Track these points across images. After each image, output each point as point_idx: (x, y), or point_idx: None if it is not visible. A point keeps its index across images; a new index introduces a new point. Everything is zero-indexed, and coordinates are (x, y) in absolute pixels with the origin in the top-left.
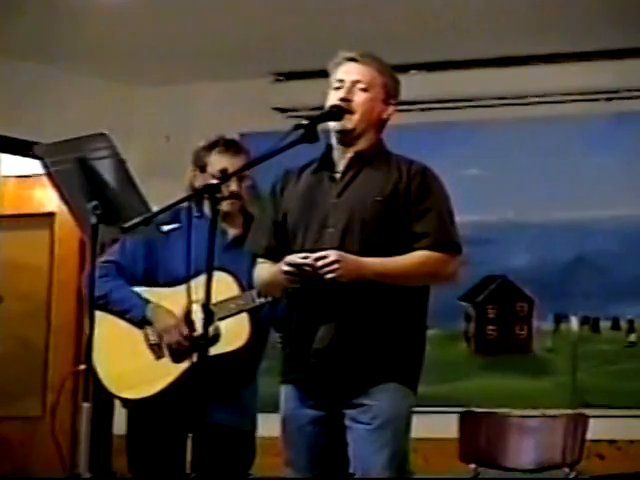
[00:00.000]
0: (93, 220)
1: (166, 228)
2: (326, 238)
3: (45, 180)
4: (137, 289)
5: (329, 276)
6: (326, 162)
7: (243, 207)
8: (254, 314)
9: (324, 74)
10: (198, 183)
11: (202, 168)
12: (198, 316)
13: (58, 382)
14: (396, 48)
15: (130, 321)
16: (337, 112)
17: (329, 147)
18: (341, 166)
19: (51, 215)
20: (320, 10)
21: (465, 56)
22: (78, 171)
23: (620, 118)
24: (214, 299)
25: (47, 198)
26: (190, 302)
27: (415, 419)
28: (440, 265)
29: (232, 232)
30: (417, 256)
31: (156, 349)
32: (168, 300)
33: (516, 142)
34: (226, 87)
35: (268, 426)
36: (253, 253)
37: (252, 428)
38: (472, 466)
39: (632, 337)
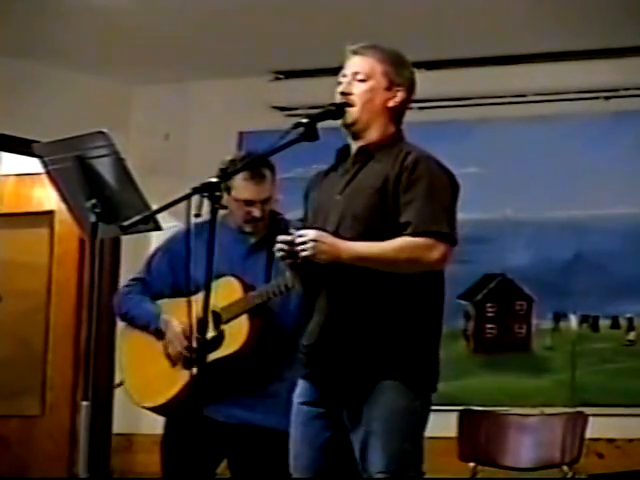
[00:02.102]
0: (92, 218)
1: (165, 226)
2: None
3: (44, 178)
4: (160, 301)
5: (302, 254)
6: (343, 159)
7: (271, 210)
8: (258, 314)
9: (323, 72)
10: (224, 201)
11: (227, 189)
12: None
13: (57, 381)
14: (395, 47)
15: (151, 334)
16: (336, 110)
17: (346, 145)
18: (349, 163)
19: (50, 213)
20: (319, 9)
21: (464, 54)
22: (77, 169)
23: (619, 117)
24: (220, 304)
25: (46, 196)
26: (190, 311)
27: None
28: (421, 250)
29: (257, 236)
30: (397, 241)
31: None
32: (179, 309)
33: (515, 140)
34: (225, 85)
35: None
36: None
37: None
38: (471, 465)
39: (631, 335)
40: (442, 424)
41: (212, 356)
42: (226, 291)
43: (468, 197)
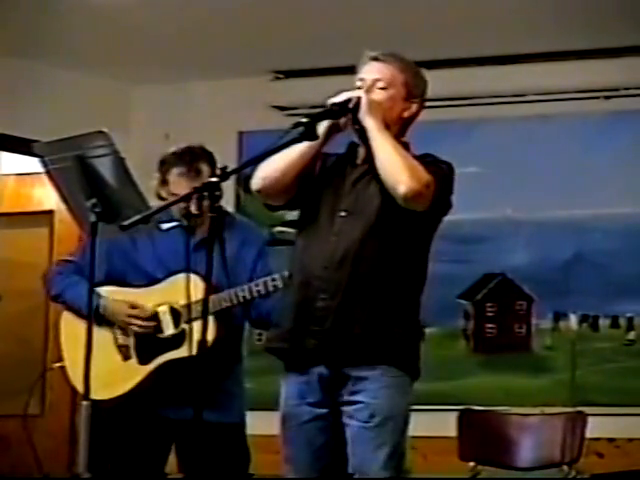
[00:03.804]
0: (92, 218)
1: (165, 226)
2: (337, 222)
3: (44, 178)
4: (107, 288)
5: (360, 94)
6: (349, 155)
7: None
8: (222, 315)
9: (323, 72)
10: (164, 194)
11: (164, 181)
12: (166, 317)
13: (57, 380)
14: (394, 46)
15: (86, 318)
16: (337, 110)
17: (352, 144)
18: (360, 159)
19: (50, 213)
20: (319, 9)
21: (464, 54)
22: (77, 169)
23: (619, 116)
24: (181, 302)
25: (46, 196)
26: (191, 304)
27: (414, 417)
28: (421, 177)
29: (201, 231)
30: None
31: (124, 350)
32: (138, 300)
33: (515, 140)
34: (225, 85)
35: (267, 424)
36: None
37: (239, 421)
38: (471, 464)
39: (631, 335)
40: (442, 424)
41: (173, 355)
42: (189, 289)
43: (468, 197)
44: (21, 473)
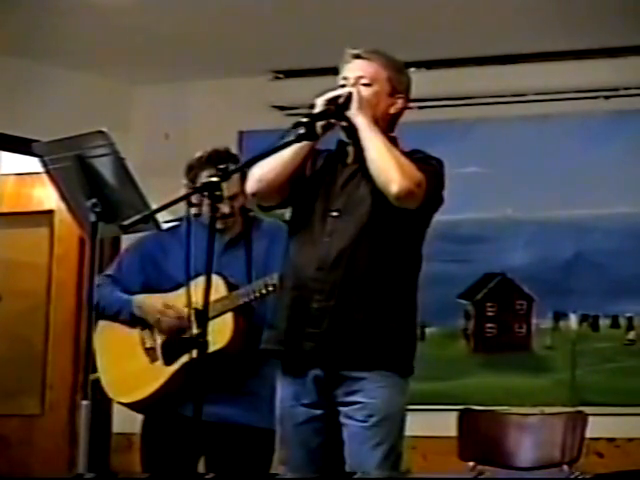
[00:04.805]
0: (92, 218)
1: (165, 226)
2: (329, 222)
3: (44, 178)
4: (137, 296)
5: (344, 89)
6: (339, 153)
7: (243, 206)
8: (242, 312)
9: (323, 72)
10: (194, 199)
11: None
12: (191, 318)
13: (57, 380)
14: (394, 46)
15: (124, 322)
16: (335, 110)
17: (342, 142)
18: (350, 158)
19: (50, 213)
20: (318, 8)
21: (464, 54)
22: (77, 169)
23: (619, 116)
24: (202, 301)
25: (46, 196)
26: (190, 304)
27: (414, 417)
28: (413, 175)
29: (230, 233)
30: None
31: (151, 353)
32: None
33: (515, 140)
34: (225, 85)
35: None
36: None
37: (269, 426)
38: (471, 464)
39: (631, 335)
40: (442, 423)
41: (194, 354)
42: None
43: (468, 196)
44: (21, 473)
